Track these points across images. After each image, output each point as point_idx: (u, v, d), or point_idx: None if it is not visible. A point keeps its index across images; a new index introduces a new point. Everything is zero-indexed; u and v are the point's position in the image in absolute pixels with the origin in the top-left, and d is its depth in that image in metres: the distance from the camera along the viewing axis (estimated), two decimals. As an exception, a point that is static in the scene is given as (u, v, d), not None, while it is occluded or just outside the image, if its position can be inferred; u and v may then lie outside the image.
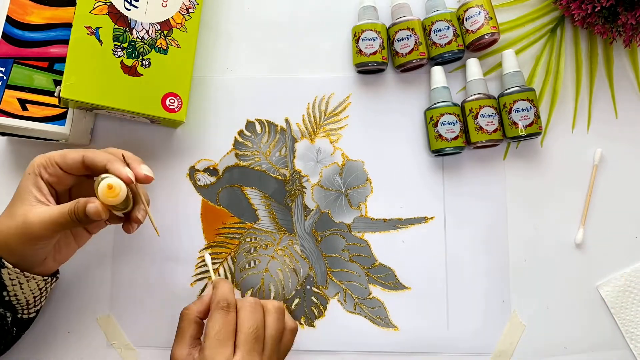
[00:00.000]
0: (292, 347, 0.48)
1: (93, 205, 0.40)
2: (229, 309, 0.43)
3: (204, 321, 0.45)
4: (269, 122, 0.55)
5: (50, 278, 0.47)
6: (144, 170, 0.43)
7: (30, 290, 0.46)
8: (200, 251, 0.53)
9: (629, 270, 0.52)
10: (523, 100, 0.51)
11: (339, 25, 0.57)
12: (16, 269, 0.43)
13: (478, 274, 0.53)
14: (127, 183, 0.40)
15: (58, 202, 0.44)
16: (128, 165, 0.43)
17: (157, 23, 0.50)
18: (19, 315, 0.47)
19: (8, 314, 0.46)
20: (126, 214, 0.43)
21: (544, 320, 0.52)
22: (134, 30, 0.49)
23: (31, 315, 0.48)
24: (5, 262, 0.43)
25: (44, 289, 0.47)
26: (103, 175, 0.40)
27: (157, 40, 0.50)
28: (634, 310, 0.52)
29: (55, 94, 0.49)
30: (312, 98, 0.56)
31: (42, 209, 0.41)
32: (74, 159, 0.43)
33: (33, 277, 0.45)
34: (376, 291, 0.53)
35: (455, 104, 0.52)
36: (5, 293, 0.44)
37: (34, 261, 0.44)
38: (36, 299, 0.47)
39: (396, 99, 0.55)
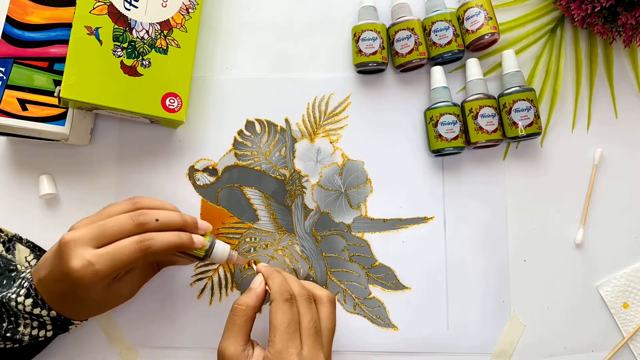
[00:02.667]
0: None
1: (184, 262, 0.48)
2: (293, 301, 0.42)
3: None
4: (269, 122, 0.55)
5: None
6: (202, 227, 0.46)
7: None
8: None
9: (628, 270, 0.52)
10: (523, 100, 0.51)
11: (339, 25, 0.57)
12: (83, 322, 0.47)
13: (478, 274, 0.52)
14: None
15: None
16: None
17: (157, 23, 0.50)
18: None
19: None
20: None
21: (544, 320, 0.52)
22: (134, 30, 0.49)
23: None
24: (74, 321, 0.45)
25: None
26: (224, 249, 0.46)
27: (157, 40, 0.50)
28: (634, 310, 0.52)
29: (55, 94, 0.49)
30: (312, 98, 0.56)
31: (130, 285, 0.46)
32: (174, 249, 0.43)
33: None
34: (376, 291, 0.53)
35: (455, 104, 0.52)
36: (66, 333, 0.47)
37: None
38: None
39: (396, 99, 0.55)
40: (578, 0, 0.52)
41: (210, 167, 0.55)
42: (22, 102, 0.49)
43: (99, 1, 0.48)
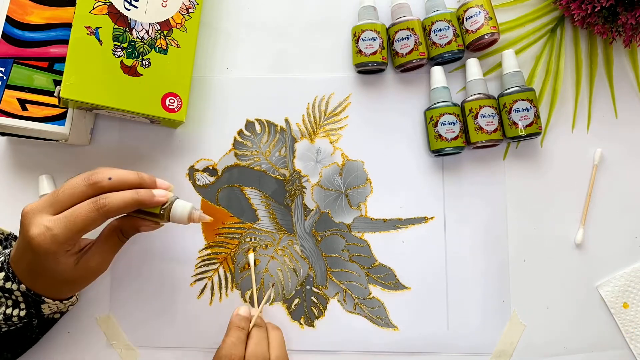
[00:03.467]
0: (288, 347, 0.51)
1: (147, 227, 0.45)
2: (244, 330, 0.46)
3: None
4: (269, 122, 0.55)
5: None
6: (162, 186, 0.46)
7: (64, 307, 0.48)
8: (199, 251, 0.53)
9: (628, 270, 0.52)
10: (523, 100, 0.51)
11: (339, 25, 0.57)
12: (56, 301, 0.45)
13: (478, 274, 0.52)
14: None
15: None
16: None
17: (157, 23, 0.50)
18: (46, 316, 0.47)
19: (34, 320, 0.47)
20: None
21: (544, 320, 0.52)
22: (134, 30, 0.49)
23: (56, 316, 0.49)
24: (46, 299, 0.44)
25: (75, 300, 0.49)
26: (181, 206, 0.44)
27: (157, 40, 0.50)
28: (634, 310, 0.52)
29: (55, 94, 0.49)
30: (312, 98, 0.56)
31: (97, 256, 0.44)
32: (130, 206, 0.42)
33: (70, 301, 0.47)
34: (376, 291, 0.53)
35: (455, 104, 0.52)
36: (36, 321, 0.46)
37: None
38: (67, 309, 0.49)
39: (396, 99, 0.55)
40: (578, 0, 0.52)
41: (210, 167, 0.55)
42: (22, 102, 0.49)
43: (99, 1, 0.48)
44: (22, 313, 0.44)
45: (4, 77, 0.49)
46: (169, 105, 0.50)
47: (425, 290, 0.52)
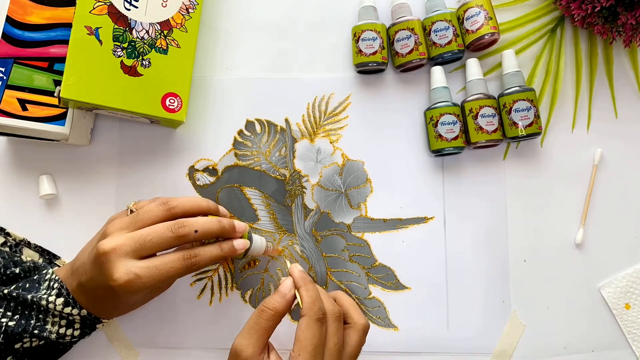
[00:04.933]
0: (288, 348, 0.49)
1: (218, 256, 0.44)
2: (324, 321, 0.41)
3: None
4: (269, 122, 0.55)
5: None
6: (239, 229, 0.46)
7: None
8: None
9: (630, 271, 0.52)
10: (523, 100, 0.51)
11: (339, 25, 0.57)
12: (110, 320, 0.48)
13: (478, 274, 0.52)
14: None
15: None
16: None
17: (157, 23, 0.50)
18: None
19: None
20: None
21: (544, 320, 0.52)
22: (134, 30, 0.49)
23: None
24: (103, 320, 0.46)
25: None
26: (260, 242, 0.48)
27: (157, 40, 0.50)
28: (636, 311, 0.52)
29: (55, 94, 0.49)
30: (312, 98, 0.56)
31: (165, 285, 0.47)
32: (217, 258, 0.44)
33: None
34: (376, 291, 0.53)
35: (455, 104, 0.52)
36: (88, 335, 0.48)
37: None
38: None
39: (396, 99, 0.55)
40: (578, 0, 0.52)
41: (210, 167, 0.55)
42: (22, 102, 0.49)
43: (99, 1, 0.48)
44: (77, 333, 0.45)
45: (4, 77, 0.49)
46: (169, 105, 0.50)
47: (425, 291, 0.52)
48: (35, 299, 0.43)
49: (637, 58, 0.55)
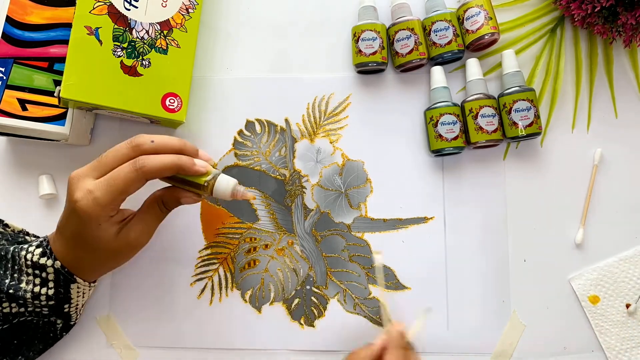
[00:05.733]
0: (288, 347, 0.51)
1: (190, 199, 0.44)
2: None
3: None
4: (269, 122, 0.55)
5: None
6: (203, 157, 0.45)
7: (89, 295, 0.48)
8: (199, 251, 0.53)
9: (601, 265, 0.52)
10: (523, 100, 0.51)
11: (339, 25, 0.57)
12: (86, 282, 0.45)
13: (478, 274, 0.52)
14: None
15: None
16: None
17: (157, 23, 0.50)
18: (72, 322, 0.49)
19: (58, 321, 0.47)
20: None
21: (544, 320, 0.52)
22: (134, 30, 0.49)
23: (77, 319, 0.50)
24: (78, 278, 0.44)
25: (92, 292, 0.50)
26: (224, 181, 0.43)
27: (157, 40, 0.50)
28: (605, 304, 0.52)
29: (55, 94, 0.49)
30: (312, 98, 0.56)
31: (138, 227, 0.43)
32: (170, 169, 0.41)
33: (95, 284, 0.47)
34: (376, 291, 0.53)
35: (455, 104, 0.52)
36: (66, 305, 0.46)
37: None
38: (85, 303, 0.49)
39: (396, 99, 0.55)
40: (578, 0, 0.52)
41: (210, 167, 0.55)
42: (22, 102, 0.49)
43: (99, 1, 0.48)
44: (51, 292, 0.44)
45: (4, 77, 0.49)
46: (169, 105, 0.50)
47: (425, 290, 0.52)
48: (16, 251, 0.44)
49: (637, 58, 0.55)
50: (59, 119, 0.49)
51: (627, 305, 0.51)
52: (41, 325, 0.47)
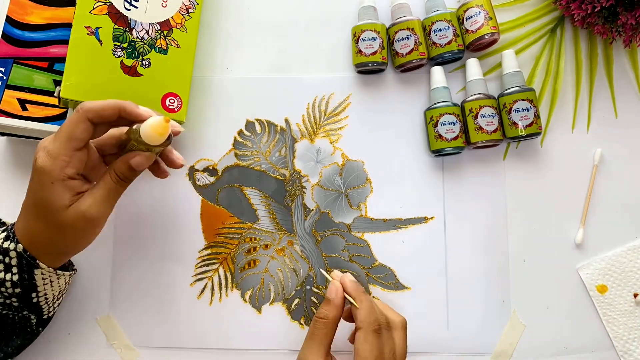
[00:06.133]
0: (288, 348, 0.51)
1: (137, 158, 0.42)
2: (380, 332, 0.43)
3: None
4: (269, 122, 0.55)
5: (72, 271, 0.48)
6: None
7: (58, 286, 0.47)
8: (199, 251, 0.53)
9: (609, 254, 0.52)
10: (523, 100, 0.51)
11: (338, 25, 0.57)
12: (50, 269, 0.44)
13: (478, 274, 0.52)
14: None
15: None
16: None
17: (157, 23, 0.50)
18: (45, 316, 0.48)
19: (32, 317, 0.47)
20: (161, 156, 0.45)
21: (544, 320, 0.52)
22: (134, 30, 0.49)
23: (53, 314, 0.49)
24: (40, 263, 0.43)
25: (68, 283, 0.48)
26: (148, 120, 0.40)
27: (157, 40, 0.50)
28: (613, 293, 0.52)
29: (55, 94, 0.49)
30: (312, 98, 0.56)
31: (90, 198, 0.42)
32: (111, 107, 0.41)
33: (63, 274, 0.46)
34: (376, 291, 0.53)
35: (455, 104, 0.52)
36: (34, 295, 0.45)
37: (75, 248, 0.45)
38: (61, 294, 0.48)
39: (396, 99, 0.55)
40: (578, 0, 0.52)
41: (210, 167, 0.55)
42: (22, 102, 0.49)
43: (99, 1, 0.48)
44: (15, 277, 0.43)
45: (4, 77, 0.49)
46: (169, 105, 0.50)
47: (425, 291, 0.52)
48: None
49: (637, 58, 0.55)
50: (59, 119, 0.50)
51: (635, 295, 0.51)
52: (17, 320, 0.46)
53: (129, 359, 0.52)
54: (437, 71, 0.53)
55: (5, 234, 0.43)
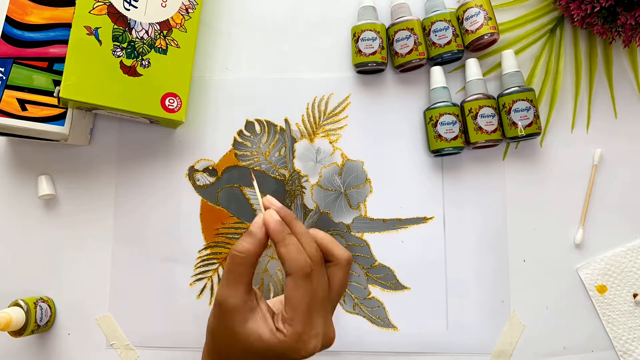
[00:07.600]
0: None
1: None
2: (311, 274, 0.37)
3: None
4: (269, 122, 0.55)
5: None
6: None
7: None
8: (199, 251, 0.53)
9: (609, 254, 0.52)
10: (522, 100, 0.51)
11: (338, 25, 0.57)
12: None
13: (477, 274, 0.52)
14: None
15: None
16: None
17: (157, 23, 0.50)
18: None
19: None
20: None
21: (544, 320, 0.52)
22: (134, 30, 0.49)
23: None
24: None
25: None
26: None
27: (156, 40, 0.50)
28: (612, 293, 0.52)
29: (55, 94, 0.49)
30: (312, 98, 0.56)
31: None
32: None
33: None
34: (375, 291, 0.53)
35: (454, 104, 0.52)
36: None
37: None
38: None
39: (396, 99, 0.55)
40: (578, 0, 0.52)
41: (210, 167, 0.55)
42: (22, 102, 0.49)
43: (98, 1, 0.48)
44: None
45: (4, 77, 0.49)
46: (168, 105, 0.50)
47: (424, 291, 0.52)
48: None
49: (636, 58, 0.55)
50: (59, 119, 0.49)
51: (635, 295, 0.51)
52: None
53: (129, 359, 0.52)
54: (437, 71, 0.53)
55: None
